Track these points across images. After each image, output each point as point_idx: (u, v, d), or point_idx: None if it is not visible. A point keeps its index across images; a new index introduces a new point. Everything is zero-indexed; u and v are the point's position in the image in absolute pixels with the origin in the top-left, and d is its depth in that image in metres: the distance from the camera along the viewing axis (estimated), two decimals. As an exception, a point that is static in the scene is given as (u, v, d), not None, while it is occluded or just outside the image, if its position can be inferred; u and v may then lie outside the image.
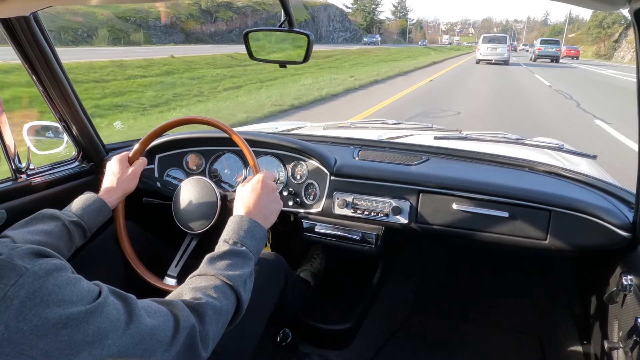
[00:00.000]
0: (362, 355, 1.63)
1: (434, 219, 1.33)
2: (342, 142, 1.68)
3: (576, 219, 1.19)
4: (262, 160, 1.51)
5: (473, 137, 1.78)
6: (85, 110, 1.46)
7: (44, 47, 1.26)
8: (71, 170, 1.50)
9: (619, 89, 14.16)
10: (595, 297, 1.39)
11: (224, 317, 0.80)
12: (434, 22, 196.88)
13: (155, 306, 0.71)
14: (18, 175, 1.30)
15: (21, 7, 1.10)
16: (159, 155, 1.57)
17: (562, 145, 1.74)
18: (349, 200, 1.39)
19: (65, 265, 0.62)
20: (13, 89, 7.43)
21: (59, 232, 0.98)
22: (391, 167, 1.43)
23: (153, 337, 0.65)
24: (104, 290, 0.64)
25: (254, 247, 0.92)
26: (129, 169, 1.21)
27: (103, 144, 1.59)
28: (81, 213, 1.06)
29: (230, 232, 0.92)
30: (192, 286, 0.81)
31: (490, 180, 1.33)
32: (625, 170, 4.12)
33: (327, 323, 1.60)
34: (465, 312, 1.94)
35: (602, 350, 1.24)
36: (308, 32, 1.09)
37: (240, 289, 0.84)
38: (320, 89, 10.87)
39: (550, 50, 29.77)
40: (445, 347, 1.75)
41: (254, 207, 0.97)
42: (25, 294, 0.54)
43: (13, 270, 0.55)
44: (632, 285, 1.02)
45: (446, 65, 23.75)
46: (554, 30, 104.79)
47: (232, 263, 0.86)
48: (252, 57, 1.18)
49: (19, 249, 0.59)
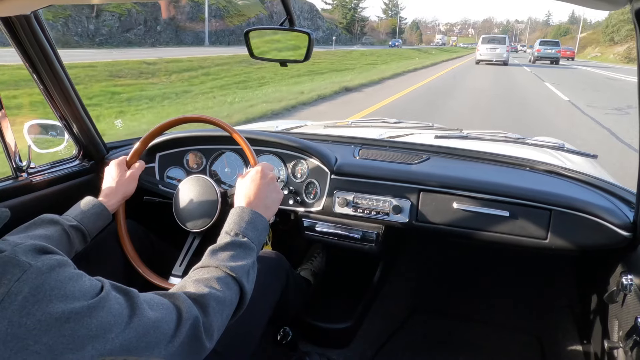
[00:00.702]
0: (362, 354, 1.63)
1: (435, 218, 1.33)
2: (343, 141, 1.68)
3: (576, 218, 1.19)
4: (263, 158, 1.51)
5: (474, 136, 1.77)
6: (85, 109, 1.46)
7: (44, 45, 1.26)
8: (72, 168, 1.50)
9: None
10: (596, 297, 1.39)
11: (228, 307, 0.80)
12: (432, 23, 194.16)
13: (158, 299, 0.71)
14: (19, 174, 1.30)
15: (22, 6, 1.10)
16: (159, 154, 1.57)
17: (562, 144, 1.74)
18: (349, 199, 1.39)
19: (68, 261, 0.62)
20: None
21: (59, 237, 0.98)
22: (392, 166, 1.43)
23: (156, 330, 0.66)
24: (106, 285, 0.64)
25: (255, 237, 0.92)
26: (127, 172, 1.21)
27: (104, 143, 1.59)
28: (81, 217, 1.07)
29: (231, 224, 0.92)
30: (195, 278, 0.81)
31: (490, 179, 1.33)
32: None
33: (327, 322, 1.60)
34: (465, 311, 1.94)
35: (602, 350, 1.24)
36: (309, 31, 1.09)
37: (243, 279, 0.84)
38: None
39: (549, 51, 29.18)
40: (446, 346, 1.75)
41: (254, 198, 0.98)
42: (28, 290, 0.54)
43: (17, 266, 0.56)
44: (632, 285, 1.02)
45: (418, 80, 15.25)
46: (559, 30, 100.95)
47: (234, 254, 0.86)
48: (252, 55, 1.18)
49: (22, 245, 0.59)
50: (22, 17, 1.17)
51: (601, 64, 34.00)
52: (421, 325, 1.86)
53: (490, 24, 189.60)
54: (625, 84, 15.80)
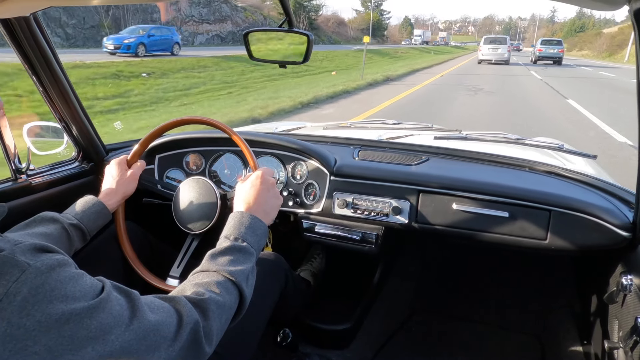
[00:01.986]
0: (362, 355, 1.63)
1: (434, 219, 1.33)
2: (342, 142, 1.68)
3: (576, 218, 1.19)
4: (262, 160, 1.51)
5: (473, 137, 1.78)
6: (85, 111, 1.46)
7: (43, 47, 1.26)
8: (71, 170, 1.50)
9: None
10: (596, 297, 1.39)
11: (227, 312, 0.80)
12: (430, 20, 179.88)
13: (158, 302, 0.71)
14: (18, 176, 1.30)
15: (21, 8, 1.10)
16: (158, 156, 1.57)
17: (562, 145, 1.74)
18: (349, 200, 1.39)
19: (68, 261, 0.62)
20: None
21: (58, 235, 0.99)
22: (391, 167, 1.43)
23: (156, 333, 0.66)
24: (107, 286, 0.64)
25: (255, 242, 0.92)
26: (127, 171, 1.21)
27: (103, 144, 1.59)
28: (81, 216, 1.07)
29: (231, 228, 0.92)
30: (195, 282, 0.81)
31: (490, 180, 1.33)
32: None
33: (327, 323, 1.60)
34: (465, 312, 1.94)
35: (602, 350, 1.24)
36: (308, 32, 1.09)
37: (243, 284, 0.84)
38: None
39: (551, 51, 27.96)
40: (446, 347, 1.75)
41: (254, 203, 0.98)
42: (27, 290, 0.54)
43: (15, 266, 0.55)
44: (632, 285, 1.02)
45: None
46: (572, 26, 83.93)
47: (233, 259, 0.86)
48: (251, 57, 1.18)
49: (21, 244, 0.59)
50: (21, 19, 1.17)
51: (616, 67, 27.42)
52: (421, 326, 1.86)
53: (492, 22, 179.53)
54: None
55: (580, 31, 76.38)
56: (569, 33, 78.39)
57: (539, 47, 28.61)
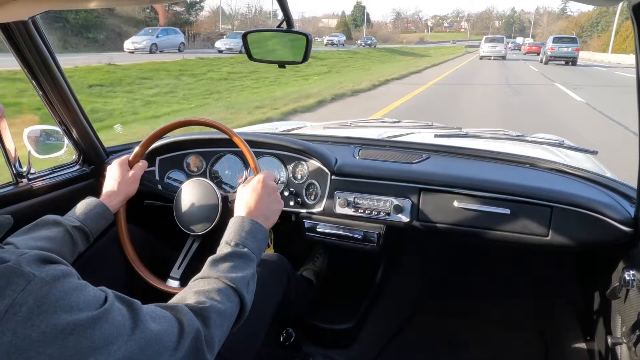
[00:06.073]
0: (365, 354, 1.63)
1: (436, 217, 1.33)
2: (343, 142, 1.68)
3: (578, 214, 1.19)
4: (263, 160, 1.51)
5: (473, 134, 1.77)
6: (85, 114, 1.46)
7: (43, 51, 1.26)
8: (72, 173, 1.50)
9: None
10: (598, 293, 1.39)
11: (228, 319, 0.80)
12: (415, 15, 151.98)
13: (160, 311, 0.71)
14: (19, 180, 1.30)
15: (20, 12, 1.10)
16: (159, 157, 1.57)
17: (562, 141, 1.74)
18: (350, 200, 1.39)
19: (72, 271, 0.62)
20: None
21: (62, 238, 0.99)
22: (392, 166, 1.43)
23: (158, 342, 0.66)
24: (110, 296, 0.64)
25: (255, 248, 0.92)
26: (129, 172, 1.21)
27: (103, 147, 1.59)
28: (83, 218, 1.07)
29: (231, 234, 0.92)
30: (196, 290, 0.81)
31: (491, 177, 1.33)
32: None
33: (330, 322, 1.60)
34: (468, 310, 1.94)
35: (605, 346, 1.24)
36: (307, 32, 1.09)
37: (244, 291, 0.84)
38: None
39: (565, 50, 25.00)
40: (449, 345, 1.75)
41: (255, 208, 0.98)
42: (33, 301, 0.54)
43: (21, 276, 0.55)
44: (634, 281, 1.02)
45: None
46: (589, 19, 64.43)
47: (234, 265, 0.86)
48: (251, 57, 1.18)
49: (26, 255, 0.58)
50: (20, 23, 1.17)
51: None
52: (424, 324, 1.86)
53: (490, 16, 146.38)
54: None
55: (596, 24, 61.85)
56: (591, 27, 61.46)
57: (550, 46, 25.94)
